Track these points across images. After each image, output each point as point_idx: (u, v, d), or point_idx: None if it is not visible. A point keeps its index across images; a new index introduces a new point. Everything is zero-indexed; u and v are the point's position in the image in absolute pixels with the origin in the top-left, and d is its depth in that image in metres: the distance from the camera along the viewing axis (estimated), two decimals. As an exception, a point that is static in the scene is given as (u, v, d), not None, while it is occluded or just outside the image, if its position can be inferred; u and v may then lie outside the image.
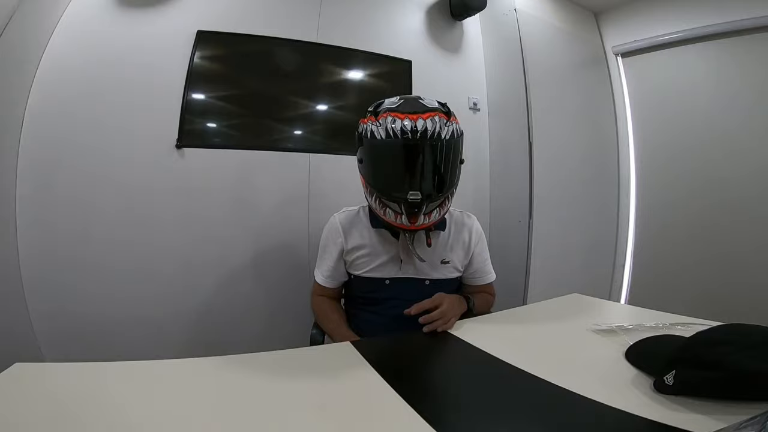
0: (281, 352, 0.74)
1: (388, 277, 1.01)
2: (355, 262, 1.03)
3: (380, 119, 0.89)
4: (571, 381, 0.60)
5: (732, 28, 1.84)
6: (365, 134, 0.92)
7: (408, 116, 0.87)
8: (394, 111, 0.89)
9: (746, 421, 0.44)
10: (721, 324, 0.61)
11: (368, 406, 0.58)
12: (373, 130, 0.90)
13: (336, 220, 1.06)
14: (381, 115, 0.90)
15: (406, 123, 0.86)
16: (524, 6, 2.06)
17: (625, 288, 2.33)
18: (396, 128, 0.86)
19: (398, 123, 0.86)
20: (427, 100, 0.93)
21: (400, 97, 0.94)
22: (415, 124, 0.86)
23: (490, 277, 1.12)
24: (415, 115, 0.87)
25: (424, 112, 0.88)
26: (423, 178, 0.88)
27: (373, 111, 0.94)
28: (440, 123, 0.88)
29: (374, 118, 0.91)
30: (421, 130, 0.86)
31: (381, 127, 0.88)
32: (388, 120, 0.88)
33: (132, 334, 1.41)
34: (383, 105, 0.93)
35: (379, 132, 0.88)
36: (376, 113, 0.92)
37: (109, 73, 1.40)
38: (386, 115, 0.89)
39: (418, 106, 0.89)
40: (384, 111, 0.90)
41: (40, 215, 1.31)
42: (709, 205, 1.97)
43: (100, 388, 0.59)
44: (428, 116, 0.87)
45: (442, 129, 0.88)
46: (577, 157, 2.21)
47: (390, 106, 0.91)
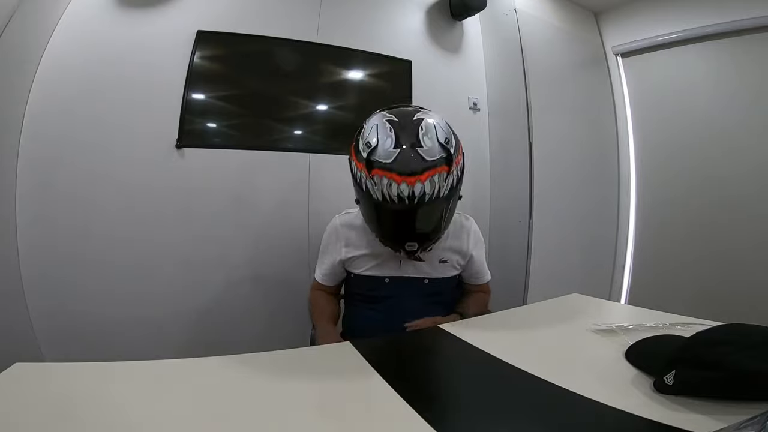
0: (281, 352, 0.74)
1: (387, 275, 1.01)
2: (354, 261, 1.04)
3: (374, 177, 0.83)
4: (571, 381, 0.60)
5: (732, 28, 1.84)
6: (360, 183, 0.88)
7: (405, 180, 0.80)
8: (390, 171, 0.81)
9: (746, 421, 0.44)
10: (721, 324, 0.61)
11: (368, 406, 0.58)
12: (369, 186, 0.85)
13: (337, 223, 1.07)
14: (374, 172, 0.83)
15: (403, 189, 0.81)
16: (524, 6, 2.06)
17: (625, 288, 2.33)
18: (392, 194, 0.81)
19: (395, 188, 0.81)
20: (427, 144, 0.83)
21: (395, 143, 0.83)
22: (413, 189, 0.81)
23: (486, 278, 1.14)
24: (413, 178, 0.80)
25: (423, 171, 0.81)
26: (420, 233, 0.89)
27: (366, 160, 0.85)
28: (439, 181, 0.83)
29: (367, 172, 0.84)
30: (419, 195, 0.81)
31: (376, 187, 0.83)
32: (384, 182, 0.82)
33: (132, 333, 1.41)
34: (375, 154, 0.83)
35: (375, 192, 0.84)
36: (369, 166, 0.84)
37: (110, 73, 1.40)
38: (381, 174, 0.82)
39: (415, 164, 0.81)
40: (378, 167, 0.82)
41: (41, 214, 1.31)
42: (708, 204, 1.97)
43: (100, 388, 0.59)
44: (427, 177, 0.81)
45: (441, 188, 0.83)
46: (577, 157, 2.21)
47: (385, 162, 0.82)
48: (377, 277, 1.02)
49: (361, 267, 1.03)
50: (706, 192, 1.98)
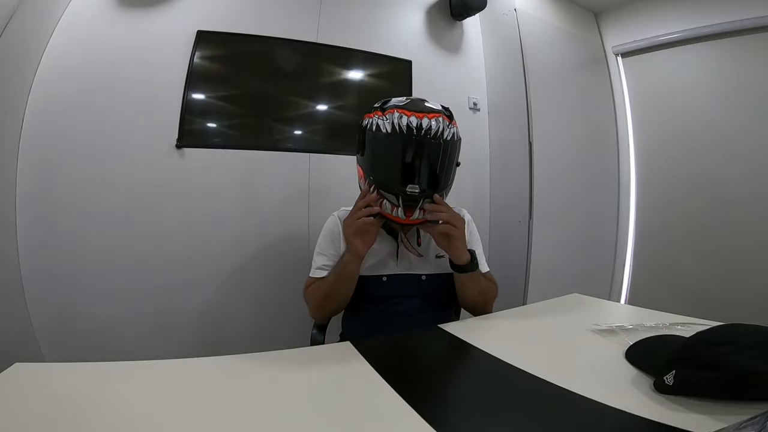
0: (281, 352, 0.74)
1: (385, 274, 1.02)
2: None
3: (387, 114, 0.92)
4: (571, 381, 0.60)
5: (732, 28, 1.84)
6: (370, 127, 0.95)
7: (415, 114, 0.90)
8: (402, 108, 0.92)
9: (746, 421, 0.43)
10: (721, 324, 0.61)
11: (368, 406, 0.58)
12: (379, 123, 0.93)
13: (334, 220, 1.08)
14: (388, 111, 0.93)
15: (413, 120, 0.90)
16: (524, 6, 2.06)
17: (625, 288, 2.33)
18: (402, 124, 0.90)
19: (405, 119, 0.90)
20: (432, 102, 0.97)
21: (407, 98, 0.97)
22: (421, 122, 0.90)
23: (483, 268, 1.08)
24: (422, 114, 0.90)
25: (430, 112, 0.92)
26: (422, 173, 0.92)
27: (380, 107, 0.96)
28: (443, 124, 0.92)
29: (381, 113, 0.94)
30: (426, 128, 0.90)
31: (387, 121, 0.92)
32: (395, 115, 0.91)
33: (132, 333, 1.41)
34: (390, 102, 0.96)
35: (385, 126, 0.92)
36: (383, 109, 0.95)
37: (110, 73, 1.40)
38: (393, 111, 0.92)
39: (424, 107, 0.93)
40: (392, 107, 0.93)
41: (41, 214, 1.31)
42: (708, 204, 1.97)
43: (100, 388, 0.59)
44: (433, 116, 0.91)
45: (444, 130, 0.92)
46: (577, 157, 2.22)
47: (398, 104, 0.94)
48: (374, 277, 1.02)
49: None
50: (706, 192, 1.98)
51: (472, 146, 2.04)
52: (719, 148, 1.93)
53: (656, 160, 2.23)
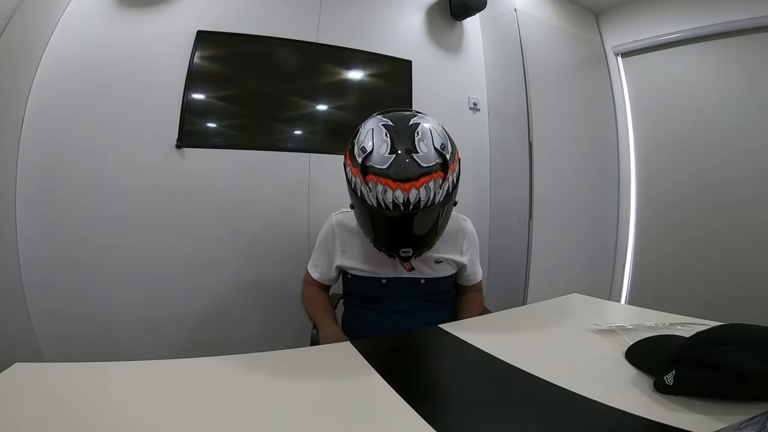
0: (281, 352, 0.74)
1: (384, 276, 1.01)
2: (351, 262, 1.04)
3: (369, 182, 0.82)
4: (571, 381, 0.60)
5: (732, 28, 1.84)
6: (354, 188, 0.87)
7: (400, 186, 0.80)
8: (385, 177, 0.81)
9: (746, 421, 0.43)
10: (721, 324, 0.61)
11: (368, 406, 0.58)
12: (363, 192, 0.84)
13: (333, 222, 1.07)
14: (370, 178, 0.82)
15: (399, 195, 0.80)
16: (524, 6, 2.06)
17: (625, 288, 2.32)
18: (387, 200, 0.81)
19: (390, 194, 0.80)
20: (423, 149, 0.82)
21: (390, 149, 0.82)
22: (408, 196, 0.80)
23: (477, 277, 1.14)
24: (408, 184, 0.80)
25: (419, 177, 0.80)
26: (415, 239, 0.89)
27: (360, 165, 0.84)
28: (435, 188, 0.82)
29: (362, 177, 0.83)
30: (414, 202, 0.81)
31: (371, 193, 0.82)
32: (379, 189, 0.81)
33: (132, 333, 1.41)
34: (371, 159, 0.83)
35: (370, 198, 0.83)
36: (364, 170, 0.83)
37: (109, 73, 1.40)
38: (376, 180, 0.81)
39: (411, 170, 0.80)
40: (373, 173, 0.82)
41: (41, 216, 1.31)
42: (708, 204, 1.97)
43: (100, 388, 0.59)
44: (423, 183, 0.81)
45: (436, 194, 0.83)
46: (577, 157, 2.21)
47: (380, 168, 0.81)
48: (374, 278, 1.02)
49: (357, 268, 1.03)
50: (706, 192, 1.98)
51: (472, 146, 2.04)
52: (719, 147, 1.93)
53: (656, 159, 2.23)
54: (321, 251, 1.09)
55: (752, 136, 1.81)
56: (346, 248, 1.05)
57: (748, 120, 1.83)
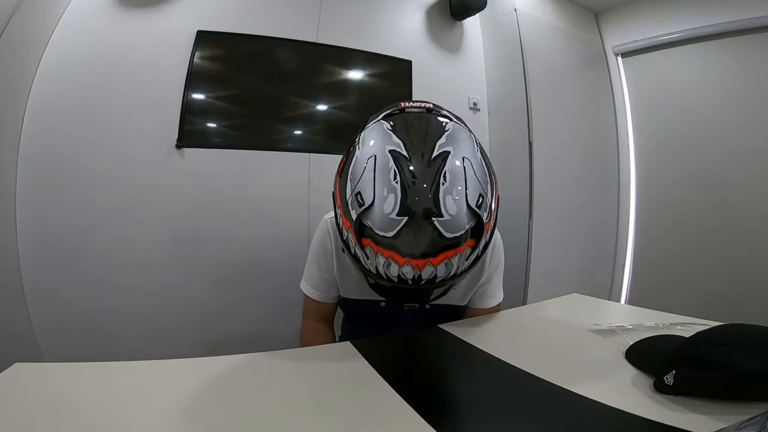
0: (281, 352, 0.74)
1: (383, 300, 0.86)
2: (345, 283, 0.90)
3: (366, 248, 0.58)
4: (571, 381, 0.60)
5: (732, 28, 1.84)
6: (346, 241, 0.62)
7: (410, 262, 0.55)
8: (389, 249, 0.55)
9: (746, 421, 0.43)
10: (721, 324, 0.61)
11: (368, 406, 0.58)
12: (358, 254, 0.60)
13: (327, 225, 0.91)
14: (367, 243, 0.57)
15: (407, 271, 0.55)
16: (524, 6, 2.06)
17: (625, 288, 2.33)
18: (391, 274, 0.57)
19: (395, 269, 0.56)
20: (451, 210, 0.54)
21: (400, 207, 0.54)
22: (420, 273, 0.56)
23: (493, 301, 0.95)
24: (423, 261, 0.55)
25: (438, 253, 0.55)
26: (423, 299, 0.70)
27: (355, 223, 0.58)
28: (459, 262, 0.57)
29: (356, 237, 0.59)
30: (428, 278, 0.56)
31: (369, 261, 0.58)
32: (380, 261, 0.56)
33: (132, 333, 1.41)
34: (370, 217, 0.56)
35: (368, 265, 0.59)
36: (360, 229, 0.57)
37: (109, 73, 1.40)
38: (377, 251, 0.56)
39: (428, 244, 0.54)
40: (372, 239, 0.56)
41: (41, 214, 1.31)
42: (709, 204, 1.97)
43: (100, 388, 0.59)
44: (443, 259, 0.55)
45: (460, 266, 0.58)
46: (577, 157, 2.21)
47: (383, 237, 0.55)
48: (371, 301, 0.88)
49: (351, 290, 0.89)
50: (707, 192, 1.98)
51: (472, 146, 2.04)
52: (720, 148, 1.93)
53: (656, 159, 2.23)
54: (318, 264, 0.91)
55: (752, 136, 1.81)
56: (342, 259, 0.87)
57: (748, 120, 1.83)
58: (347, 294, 0.92)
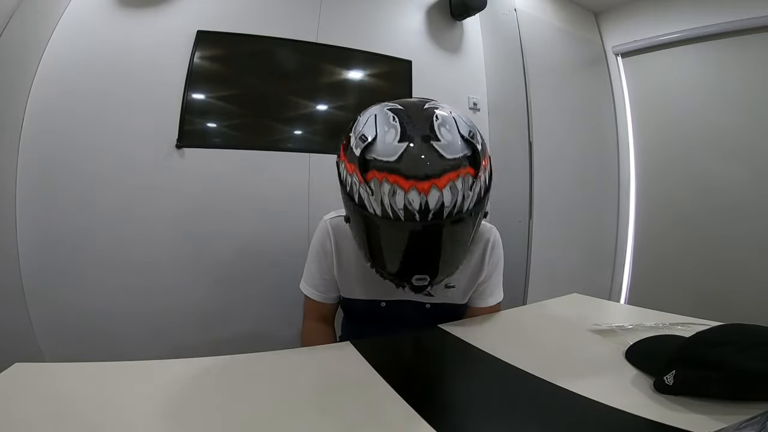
0: (281, 352, 0.74)
1: (383, 299, 0.88)
2: (345, 283, 0.91)
3: (371, 182, 0.59)
4: (571, 381, 0.60)
5: (732, 28, 1.84)
6: (350, 193, 0.64)
7: (415, 185, 0.56)
8: (393, 172, 0.57)
9: (746, 421, 0.43)
10: (721, 324, 0.61)
11: (368, 406, 0.58)
12: (363, 195, 0.60)
13: (327, 226, 0.91)
14: (372, 175, 0.59)
15: (413, 198, 0.56)
16: (524, 6, 2.06)
17: (625, 288, 2.33)
18: (397, 205, 0.57)
19: (400, 197, 0.57)
20: (445, 137, 0.60)
21: (400, 136, 0.59)
22: (426, 199, 0.56)
23: (494, 300, 0.95)
24: (427, 183, 0.56)
25: (441, 174, 0.57)
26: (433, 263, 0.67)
27: (359, 159, 0.61)
28: (463, 189, 0.59)
29: (360, 175, 0.60)
30: (436, 208, 0.57)
31: (374, 197, 0.59)
32: (385, 189, 0.57)
33: (132, 334, 1.41)
34: (373, 150, 0.60)
35: (371, 204, 0.59)
36: (364, 164, 0.60)
37: (109, 73, 1.40)
38: (381, 178, 0.58)
39: (430, 163, 0.57)
40: (375, 168, 0.59)
41: (41, 214, 1.31)
42: (708, 204, 1.97)
43: (100, 388, 0.59)
44: (447, 181, 0.57)
45: (465, 198, 0.60)
46: (577, 157, 2.21)
47: (386, 161, 0.58)
48: (372, 301, 0.89)
49: (351, 290, 0.90)
50: (706, 192, 1.98)
51: (472, 146, 2.04)
52: (719, 148, 1.93)
53: (656, 159, 2.23)
54: (318, 264, 0.91)
55: (752, 136, 1.81)
56: (341, 256, 0.89)
57: (748, 120, 1.83)
58: (347, 294, 0.92)
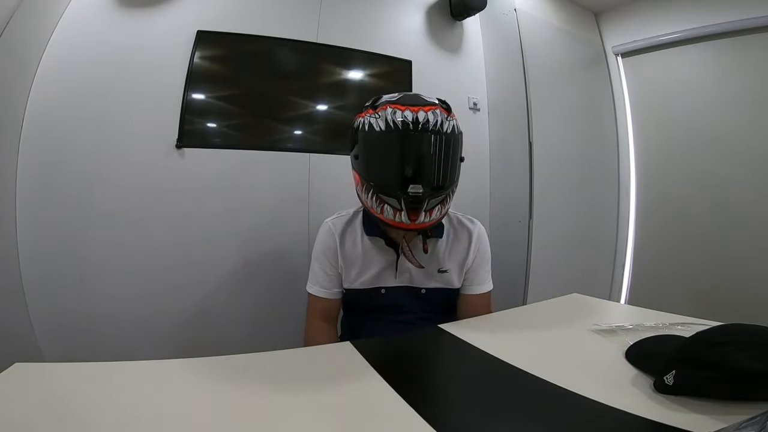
0: (281, 352, 0.74)
1: (383, 286, 0.98)
2: (349, 274, 0.99)
3: (379, 111, 0.88)
4: (571, 381, 0.60)
5: (732, 28, 1.84)
6: (362, 127, 0.90)
7: (409, 108, 0.85)
8: (395, 103, 0.87)
9: (746, 421, 0.43)
10: (721, 324, 0.61)
11: (368, 406, 0.58)
12: (372, 122, 0.88)
13: (329, 227, 1.02)
14: (380, 108, 0.88)
15: (407, 114, 0.85)
16: (524, 6, 2.06)
17: (625, 288, 2.33)
18: (397, 119, 0.85)
19: (399, 114, 0.85)
20: (427, 96, 0.93)
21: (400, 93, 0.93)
22: (417, 115, 0.85)
23: (483, 288, 1.04)
24: (417, 107, 0.86)
25: (425, 105, 0.87)
26: (424, 171, 0.86)
27: (372, 105, 0.92)
28: (441, 116, 0.87)
29: (373, 111, 0.90)
30: (423, 122, 0.84)
31: (380, 119, 0.87)
32: (388, 111, 0.86)
33: (132, 333, 1.41)
34: (382, 98, 0.92)
35: (379, 124, 0.86)
36: (375, 106, 0.90)
37: (110, 73, 1.40)
38: (386, 107, 0.87)
39: (418, 100, 0.89)
40: (384, 103, 0.89)
41: (41, 215, 1.31)
42: (708, 204, 1.97)
43: (100, 388, 0.59)
44: (429, 109, 0.86)
45: (443, 122, 0.87)
46: (577, 157, 2.22)
47: (390, 99, 0.90)
48: (373, 289, 0.98)
49: (355, 281, 0.98)
50: (706, 192, 1.98)
51: (472, 146, 2.04)
52: (719, 147, 1.93)
53: (656, 159, 2.23)
54: (322, 263, 1.01)
55: (752, 136, 1.82)
56: (345, 253, 0.99)
57: (748, 119, 1.83)
58: (351, 285, 0.99)
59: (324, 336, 0.99)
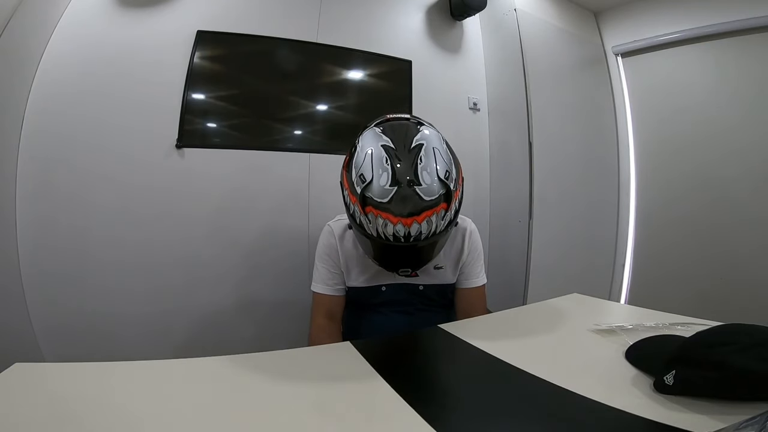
0: (281, 352, 0.74)
1: (384, 283, 1.03)
2: (350, 272, 1.04)
3: (369, 214, 0.79)
4: (571, 381, 0.60)
5: (732, 28, 1.84)
6: (353, 215, 0.83)
7: (401, 220, 0.77)
8: (385, 211, 0.77)
9: (746, 421, 0.44)
10: (721, 324, 0.61)
11: (368, 406, 0.58)
12: (363, 222, 0.81)
13: (330, 229, 1.07)
14: (369, 209, 0.79)
15: (399, 229, 0.77)
16: (524, 6, 2.06)
17: (625, 288, 2.32)
18: (388, 233, 0.78)
19: (390, 228, 0.77)
20: (426, 180, 0.78)
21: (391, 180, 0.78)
22: (409, 230, 0.77)
23: (477, 281, 1.08)
24: (410, 219, 0.77)
25: (421, 212, 0.77)
26: (413, 261, 0.88)
27: (360, 195, 0.80)
28: (437, 221, 0.79)
29: (360, 208, 0.80)
30: (415, 235, 0.78)
31: (371, 225, 0.79)
32: (379, 222, 0.78)
33: (132, 334, 1.41)
34: (370, 190, 0.78)
35: (369, 228, 0.80)
36: (364, 200, 0.79)
37: (110, 73, 1.40)
38: (377, 214, 0.78)
39: (412, 205, 0.77)
40: (372, 206, 0.78)
41: (41, 214, 1.31)
42: (708, 204, 1.97)
43: (100, 388, 0.59)
44: (424, 218, 0.77)
45: (438, 226, 0.80)
46: (577, 157, 2.21)
47: (380, 201, 0.77)
48: (374, 287, 1.03)
49: (357, 279, 1.03)
50: (706, 192, 1.98)
51: (472, 146, 2.04)
52: (719, 147, 1.93)
53: (656, 159, 2.23)
54: (325, 262, 1.05)
55: (751, 135, 1.81)
56: (345, 255, 1.04)
57: (748, 119, 1.83)
58: (354, 283, 1.04)
59: (329, 334, 1.01)
